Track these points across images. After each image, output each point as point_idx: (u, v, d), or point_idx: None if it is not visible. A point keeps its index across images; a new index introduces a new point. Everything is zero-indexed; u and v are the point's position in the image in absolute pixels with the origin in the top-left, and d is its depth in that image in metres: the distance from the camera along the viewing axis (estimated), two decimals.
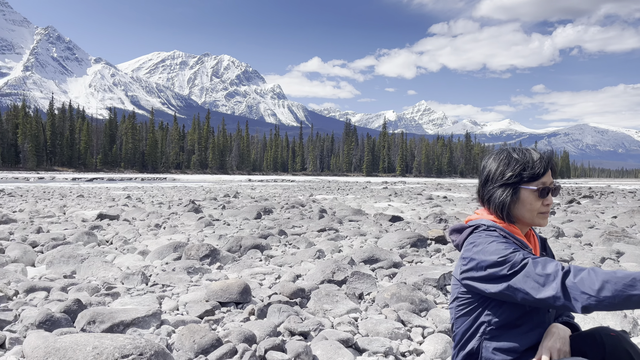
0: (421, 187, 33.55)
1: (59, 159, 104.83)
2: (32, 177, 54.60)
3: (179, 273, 4.38)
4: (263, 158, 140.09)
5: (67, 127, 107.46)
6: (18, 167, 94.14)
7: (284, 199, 16.97)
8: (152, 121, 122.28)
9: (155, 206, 12.79)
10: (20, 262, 5.18)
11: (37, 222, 8.48)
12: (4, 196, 16.36)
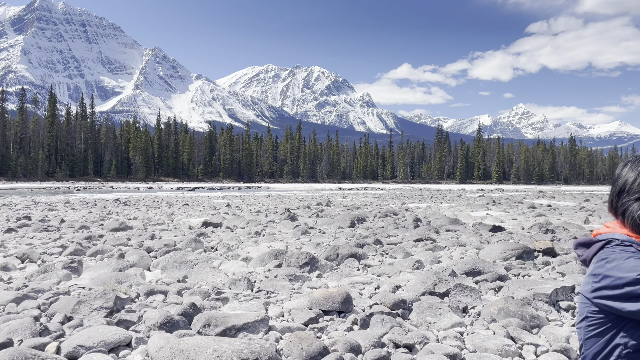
0: (521, 195, 31.77)
1: (165, 169, 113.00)
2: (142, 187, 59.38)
3: (281, 280, 4.52)
4: (353, 166, 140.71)
5: (172, 140, 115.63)
6: (130, 178, 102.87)
7: (376, 207, 16.90)
8: (248, 133, 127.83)
9: (254, 214, 13.32)
10: (138, 266, 5.63)
11: (150, 229, 9.18)
12: (120, 205, 17.91)
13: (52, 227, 8.79)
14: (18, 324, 2.79)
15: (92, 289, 3.96)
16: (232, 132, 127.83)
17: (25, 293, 3.62)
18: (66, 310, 3.20)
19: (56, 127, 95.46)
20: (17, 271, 5.18)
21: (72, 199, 22.30)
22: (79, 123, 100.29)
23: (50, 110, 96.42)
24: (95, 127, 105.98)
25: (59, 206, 16.56)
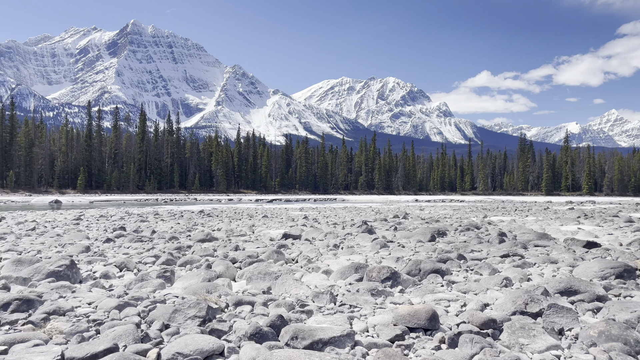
0: (616, 208, 29.49)
1: (244, 182, 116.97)
2: (223, 199, 61.85)
3: (363, 294, 4.51)
4: (429, 177, 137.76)
5: (251, 154, 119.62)
6: (212, 190, 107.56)
7: (456, 220, 16.41)
8: (323, 145, 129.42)
9: (331, 226, 13.41)
10: (224, 276, 5.86)
11: (233, 240, 9.53)
12: (204, 216, 18.76)
13: (145, 238, 9.37)
14: (122, 330, 2.99)
15: (185, 298, 4.17)
16: (308, 145, 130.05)
17: (127, 301, 3.88)
18: (163, 318, 3.40)
19: (146, 142, 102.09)
20: (117, 279, 5.57)
21: (160, 211, 23.69)
22: (166, 139, 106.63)
23: (141, 127, 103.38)
24: (181, 142, 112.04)
25: (150, 217, 17.64)
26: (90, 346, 2.69)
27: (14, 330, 3.22)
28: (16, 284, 5.01)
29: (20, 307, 3.55)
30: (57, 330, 3.11)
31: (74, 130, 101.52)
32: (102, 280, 5.23)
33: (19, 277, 5.18)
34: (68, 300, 3.99)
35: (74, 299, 4.08)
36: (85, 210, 25.43)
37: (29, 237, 9.84)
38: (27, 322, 3.33)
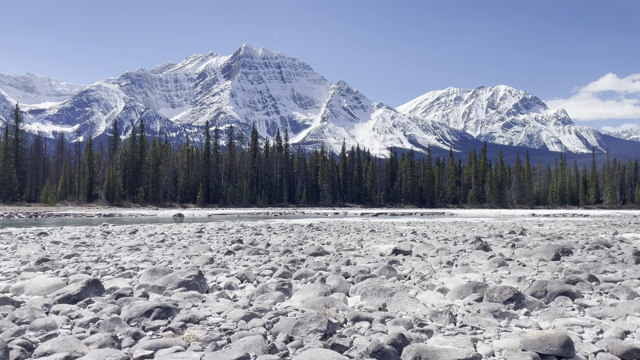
0: None
1: (349, 196, 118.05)
2: (329, 213, 62.91)
3: (485, 315, 4.31)
4: (547, 190, 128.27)
5: (356, 168, 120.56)
6: (318, 204, 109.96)
7: (582, 237, 15.08)
8: (429, 157, 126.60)
9: (442, 242, 13.02)
10: (338, 291, 5.93)
11: (344, 254, 9.64)
12: (313, 230, 19.21)
13: (261, 251, 9.83)
14: (251, 341, 3.16)
15: (305, 311, 4.30)
16: (413, 158, 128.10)
17: (252, 312, 4.09)
18: (287, 331, 3.53)
19: (257, 159, 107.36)
20: (239, 290, 5.90)
21: (272, 224, 24.70)
22: (275, 155, 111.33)
23: (252, 144, 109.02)
24: (289, 157, 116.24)
25: (263, 230, 18.46)
26: (224, 354, 2.88)
27: (157, 335, 3.55)
28: (153, 292, 5.50)
29: (161, 315, 3.90)
30: (194, 338, 3.38)
31: (194, 149, 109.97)
32: (226, 291, 5.56)
33: (154, 285, 5.69)
34: (200, 310, 4.30)
35: (205, 308, 4.39)
36: (205, 223, 27.30)
37: (160, 248, 10.78)
38: (167, 328, 3.65)
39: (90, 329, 3.63)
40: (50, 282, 5.97)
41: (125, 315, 3.92)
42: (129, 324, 3.76)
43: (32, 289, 5.86)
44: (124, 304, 4.43)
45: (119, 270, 7.08)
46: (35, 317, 3.78)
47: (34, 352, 3.01)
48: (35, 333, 3.44)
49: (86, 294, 4.82)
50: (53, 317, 3.81)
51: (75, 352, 2.93)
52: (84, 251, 9.82)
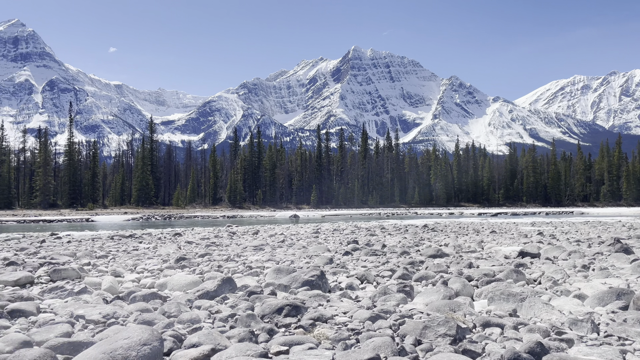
0: None
1: (465, 195, 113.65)
2: (443, 213, 61.11)
3: (633, 325, 3.90)
4: None
5: (471, 166, 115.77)
6: (431, 204, 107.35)
7: None
8: (554, 152, 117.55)
9: (573, 244, 12.02)
10: (462, 295, 5.74)
11: (464, 257, 9.31)
12: (429, 231, 18.81)
13: (378, 252, 9.85)
14: (380, 342, 3.18)
15: (430, 314, 4.23)
16: (535, 153, 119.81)
17: (377, 313, 4.12)
18: (415, 334, 3.50)
19: (367, 160, 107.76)
20: (360, 291, 5.97)
21: (385, 225, 24.62)
22: (385, 155, 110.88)
23: (363, 145, 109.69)
24: (400, 157, 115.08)
25: (377, 231, 18.47)
26: (355, 354, 2.94)
27: (289, 332, 3.73)
28: (279, 290, 5.77)
29: (291, 312, 4.08)
30: (324, 336, 3.49)
31: (307, 152, 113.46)
32: (348, 291, 5.66)
33: (280, 284, 5.96)
34: (326, 309, 4.43)
35: (330, 307, 4.51)
36: (320, 223, 28.01)
37: (281, 248, 11.28)
38: (298, 326, 3.81)
39: (229, 323, 3.91)
40: (189, 279, 6.54)
41: (258, 311, 4.17)
42: (262, 320, 3.99)
43: (173, 285, 6.46)
44: (256, 301, 4.71)
45: (247, 269, 7.54)
46: (181, 312, 4.17)
47: (184, 343, 3.32)
48: (183, 326, 3.80)
49: (222, 290, 5.20)
50: (196, 311, 4.18)
51: (219, 345, 3.19)
52: (214, 251, 10.60)
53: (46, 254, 10.38)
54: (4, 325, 3.82)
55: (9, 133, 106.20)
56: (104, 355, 2.76)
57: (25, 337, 3.20)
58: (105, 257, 9.69)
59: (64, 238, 16.05)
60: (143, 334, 2.94)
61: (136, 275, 7.43)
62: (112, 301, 4.95)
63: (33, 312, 4.30)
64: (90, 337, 3.34)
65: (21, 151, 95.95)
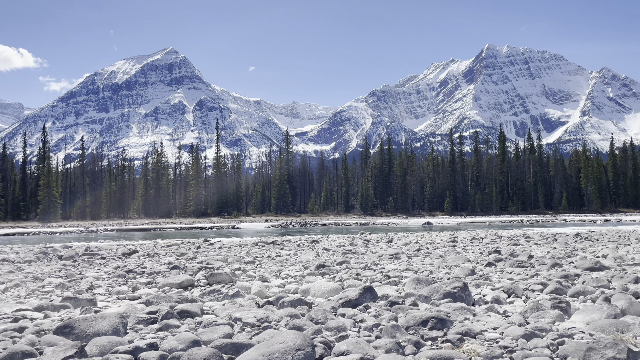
0: None
1: (623, 199, 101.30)
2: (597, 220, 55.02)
3: None
4: None
5: (630, 166, 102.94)
6: (582, 210, 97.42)
7: None
8: None
9: None
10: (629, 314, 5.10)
11: (629, 270, 8.29)
12: (582, 240, 17.09)
13: (525, 263, 9.20)
14: None
15: (594, 335, 3.84)
16: None
17: (532, 331, 3.84)
18: (577, 355, 3.20)
19: (506, 163, 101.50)
20: (507, 305, 5.62)
21: (529, 233, 22.91)
22: (527, 157, 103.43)
23: (500, 148, 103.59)
24: (543, 159, 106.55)
25: (521, 240, 17.27)
26: None
27: (436, 346, 3.65)
28: (420, 301, 5.68)
29: (436, 325, 4.00)
30: (475, 353, 3.35)
31: (439, 157, 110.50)
32: (495, 305, 5.37)
33: (420, 295, 5.86)
34: (473, 323, 4.25)
35: (478, 322, 4.32)
36: (456, 232, 27.03)
37: (417, 257, 11.10)
38: (445, 340, 3.72)
39: (375, 333, 3.95)
40: (330, 286, 6.74)
41: (402, 322, 4.15)
42: (407, 331, 3.97)
43: (315, 291, 6.71)
44: (399, 311, 4.69)
45: (384, 278, 7.55)
46: (327, 319, 4.32)
47: (333, 350, 3.43)
48: (330, 333, 3.93)
49: (363, 299, 5.27)
50: (341, 319, 4.29)
51: (367, 355, 3.24)
52: (351, 258, 10.80)
53: (202, 259, 11.48)
54: (175, 324, 4.30)
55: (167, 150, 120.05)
56: (263, 357, 2.97)
57: (194, 337, 3.58)
58: (253, 263, 10.42)
59: (215, 244, 17.61)
60: (296, 339, 3.10)
61: (281, 280, 7.87)
62: (264, 306, 5.30)
63: (198, 313, 4.78)
64: (248, 339, 3.61)
65: (177, 165, 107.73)
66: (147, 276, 8.68)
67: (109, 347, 3.48)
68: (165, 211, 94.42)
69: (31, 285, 7.78)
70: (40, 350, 3.55)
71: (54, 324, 4.43)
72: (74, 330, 3.89)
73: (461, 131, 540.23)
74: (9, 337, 3.92)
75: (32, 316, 5.06)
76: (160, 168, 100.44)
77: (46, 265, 10.95)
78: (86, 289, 7.29)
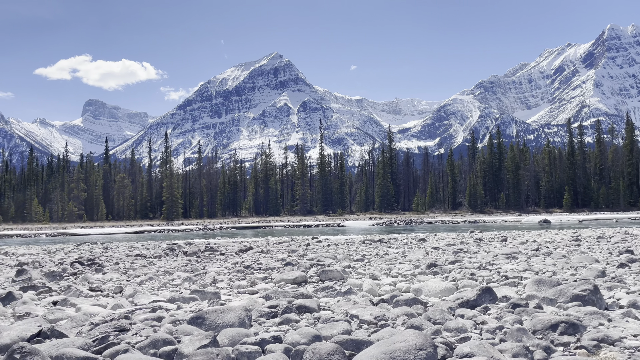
0: None
1: None
2: None
3: None
4: None
5: None
6: None
7: None
8: None
9: None
10: None
11: None
12: None
13: None
14: None
15: None
16: None
17: None
18: None
19: (635, 154, 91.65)
20: None
21: None
22: None
23: (628, 137, 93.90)
24: None
25: None
26: None
27: (569, 352, 3.40)
28: (544, 304, 5.33)
29: (567, 330, 3.72)
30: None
31: (555, 149, 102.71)
32: (632, 310, 4.88)
33: (544, 297, 5.50)
34: (610, 329, 3.90)
35: (615, 328, 3.96)
36: (578, 230, 24.98)
37: (537, 257, 10.42)
38: (579, 346, 3.45)
39: (498, 336, 3.78)
40: (443, 286, 6.57)
41: (528, 326, 3.92)
42: (534, 335, 3.74)
43: (428, 290, 6.59)
44: (523, 314, 4.44)
45: (502, 279, 7.19)
46: (445, 319, 4.22)
47: (454, 351, 3.34)
48: (450, 334, 3.83)
49: (482, 300, 5.07)
50: (460, 320, 4.16)
51: (492, 358, 3.11)
52: (463, 257, 10.43)
53: (312, 256, 11.80)
54: (295, 319, 4.47)
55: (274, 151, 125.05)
56: (384, 355, 2.97)
57: (315, 332, 3.69)
58: (362, 261, 10.49)
59: (323, 242, 18.01)
60: (417, 338, 3.07)
61: (391, 279, 7.83)
62: (378, 304, 5.31)
63: (315, 309, 4.92)
64: (367, 336, 3.64)
65: (283, 165, 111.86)
66: (263, 272, 9.12)
67: (238, 338, 3.70)
68: (274, 209, 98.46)
69: (162, 279, 8.55)
70: (177, 338, 3.88)
71: (187, 315, 4.82)
72: (205, 321, 4.20)
73: (581, 121, 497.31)
74: (150, 326, 4.34)
75: (166, 307, 5.55)
76: (268, 169, 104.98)
77: (174, 261, 11.95)
78: (210, 282, 7.84)
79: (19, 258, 13.96)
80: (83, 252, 15.70)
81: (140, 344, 3.67)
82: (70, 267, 10.60)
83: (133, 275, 9.13)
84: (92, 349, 3.64)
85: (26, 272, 8.76)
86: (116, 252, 15.67)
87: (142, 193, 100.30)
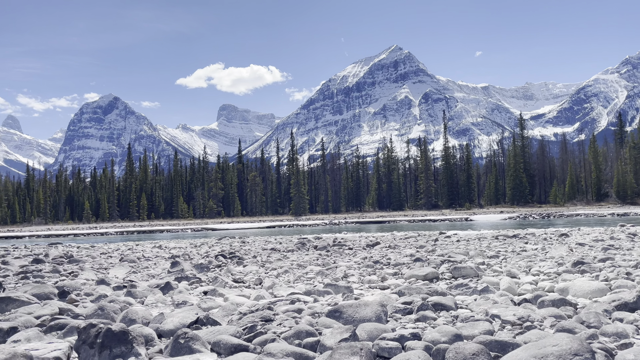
0: None
1: None
2: None
3: None
4: None
5: None
6: None
7: None
8: None
9: None
10: None
11: None
12: None
13: None
14: None
15: None
16: None
17: None
18: None
19: None
20: None
21: None
22: None
23: None
24: None
25: None
26: None
27: None
28: None
29: None
30: None
31: None
32: None
33: None
34: None
35: None
36: None
37: None
38: None
39: None
40: (593, 286, 5.99)
41: None
42: None
43: (576, 291, 6.05)
44: None
45: None
46: (601, 323, 3.84)
47: (615, 358, 3.03)
48: (608, 339, 3.48)
49: None
50: (619, 324, 3.76)
51: None
52: (615, 255, 9.41)
53: (442, 251, 11.50)
54: (432, 316, 4.40)
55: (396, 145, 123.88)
56: (534, 359, 2.81)
57: (455, 330, 3.60)
58: (497, 257, 9.97)
59: (452, 237, 17.45)
60: (572, 343, 2.85)
61: (532, 277, 7.33)
62: (521, 303, 5.02)
63: (452, 306, 4.80)
64: (512, 337, 3.46)
65: (406, 159, 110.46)
66: (392, 267, 9.11)
67: (376, 334, 3.75)
68: (397, 204, 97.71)
69: (297, 272, 8.96)
70: (318, 330, 4.05)
71: (324, 308, 5.00)
72: (342, 315, 4.32)
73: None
74: (292, 317, 4.58)
75: (304, 299, 5.81)
76: (391, 163, 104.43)
77: (305, 254, 12.46)
78: (341, 277, 8.03)
79: (171, 251, 15.60)
80: (224, 246, 17.07)
81: (285, 334, 3.89)
82: (215, 259, 11.60)
83: (270, 268, 9.69)
84: (243, 337, 3.95)
85: (179, 264, 9.77)
86: (252, 245, 16.77)
87: (272, 190, 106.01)
